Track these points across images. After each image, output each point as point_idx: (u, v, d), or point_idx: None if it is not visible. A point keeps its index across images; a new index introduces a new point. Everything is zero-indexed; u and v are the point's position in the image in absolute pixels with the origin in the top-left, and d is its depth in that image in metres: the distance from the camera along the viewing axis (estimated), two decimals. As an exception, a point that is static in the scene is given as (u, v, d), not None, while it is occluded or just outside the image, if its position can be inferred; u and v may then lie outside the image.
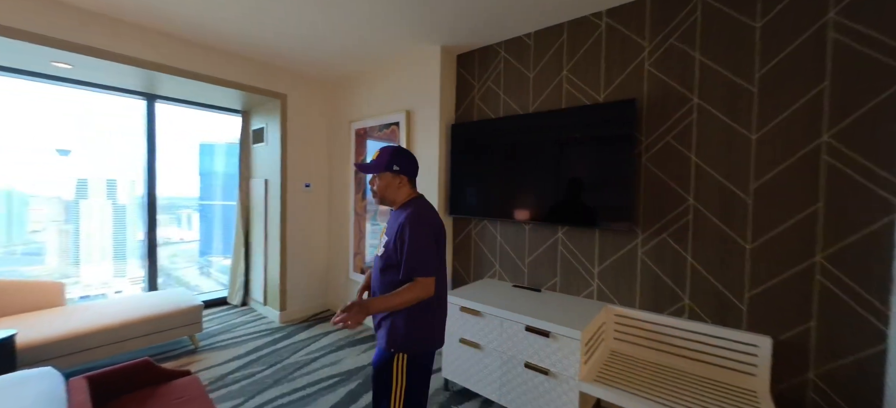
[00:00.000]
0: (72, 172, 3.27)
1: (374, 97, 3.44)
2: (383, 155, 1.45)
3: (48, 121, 3.07)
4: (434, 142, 2.92)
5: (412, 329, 1.37)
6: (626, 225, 2.10)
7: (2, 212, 2.94)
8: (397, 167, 1.44)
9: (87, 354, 2.38)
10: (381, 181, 1.46)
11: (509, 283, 2.72)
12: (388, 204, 1.49)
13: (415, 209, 1.41)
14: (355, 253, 3.63)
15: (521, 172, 2.54)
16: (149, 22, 2.64)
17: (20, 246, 3.08)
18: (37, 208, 3.11)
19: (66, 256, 3.32)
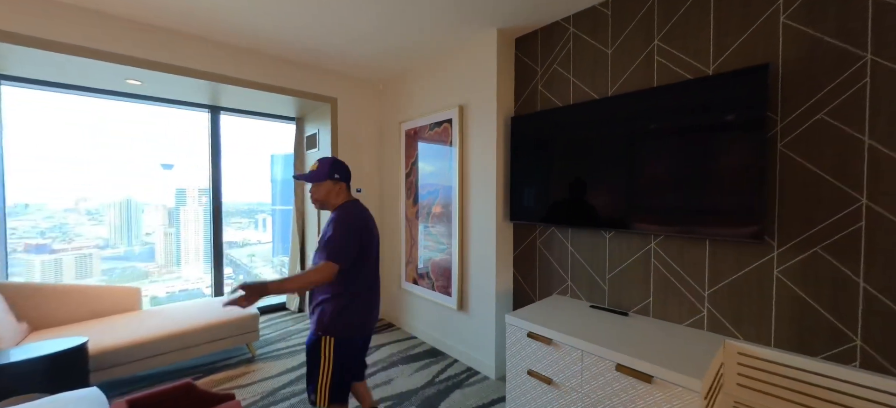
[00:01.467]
0: (173, 183, 3.69)
1: (425, 95, 3.19)
2: (324, 165, 1.64)
3: (154, 138, 3.46)
4: (490, 138, 2.58)
5: (338, 316, 1.55)
6: (754, 234, 1.57)
7: (123, 218, 3.51)
8: (338, 176, 1.65)
9: (153, 360, 2.44)
10: (323, 188, 1.64)
11: (585, 302, 2.27)
12: (328, 208, 1.68)
13: (342, 210, 1.62)
14: (407, 261, 3.41)
15: (597, 169, 2.09)
16: (210, 34, 2.67)
17: (137, 246, 3.60)
18: (148, 215, 3.65)
19: (171, 256, 3.77)
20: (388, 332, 3.48)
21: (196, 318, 2.69)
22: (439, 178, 3.02)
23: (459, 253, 2.81)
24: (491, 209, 2.59)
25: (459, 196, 2.80)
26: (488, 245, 2.62)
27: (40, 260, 3.14)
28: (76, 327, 2.51)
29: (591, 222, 2.14)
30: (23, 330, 2.38)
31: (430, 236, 3.13)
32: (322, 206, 1.67)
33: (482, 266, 2.67)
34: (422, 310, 3.29)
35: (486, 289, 2.65)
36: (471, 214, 2.75)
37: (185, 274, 3.83)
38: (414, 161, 3.30)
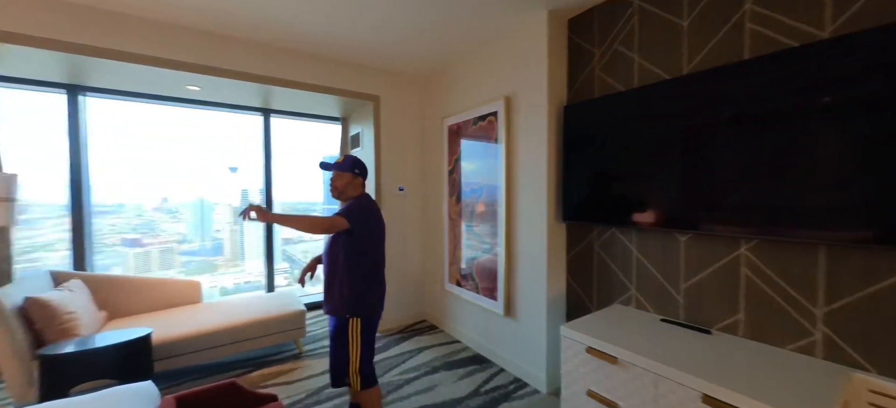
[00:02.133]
0: (238, 183, 3.98)
1: (468, 88, 3.04)
2: (348, 159, 1.83)
3: (222, 143, 3.78)
4: (539, 130, 2.36)
5: (363, 297, 1.73)
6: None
7: (197, 216, 3.92)
8: (358, 171, 1.84)
9: (208, 353, 2.55)
10: (345, 178, 1.81)
11: (654, 314, 1.98)
12: (343, 199, 1.84)
13: (361, 198, 1.82)
14: (451, 262, 3.28)
15: (668, 161, 1.80)
16: (260, 39, 2.74)
17: (208, 242, 3.98)
18: (218, 213, 4.01)
19: (236, 251, 4.08)
20: (430, 334, 3.38)
21: (247, 313, 2.78)
22: (483, 175, 2.85)
23: (506, 255, 2.62)
24: (541, 208, 2.37)
25: (506, 194, 2.61)
26: (538, 247, 2.40)
27: (133, 252, 3.64)
28: (146, 317, 2.70)
29: (662, 223, 1.84)
30: (102, 318, 2.60)
31: (474, 236, 2.98)
32: (340, 194, 1.82)
33: (531, 270, 2.46)
34: (466, 313, 3.14)
35: (535, 295, 2.43)
36: (518, 214, 2.55)
37: (248, 268, 4.11)
38: (457, 158, 3.16)
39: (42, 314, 2.13)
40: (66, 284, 2.51)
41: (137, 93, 3.06)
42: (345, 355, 1.75)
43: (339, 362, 1.77)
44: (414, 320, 3.70)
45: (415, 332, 3.44)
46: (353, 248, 1.72)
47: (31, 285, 2.32)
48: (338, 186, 1.81)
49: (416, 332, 3.44)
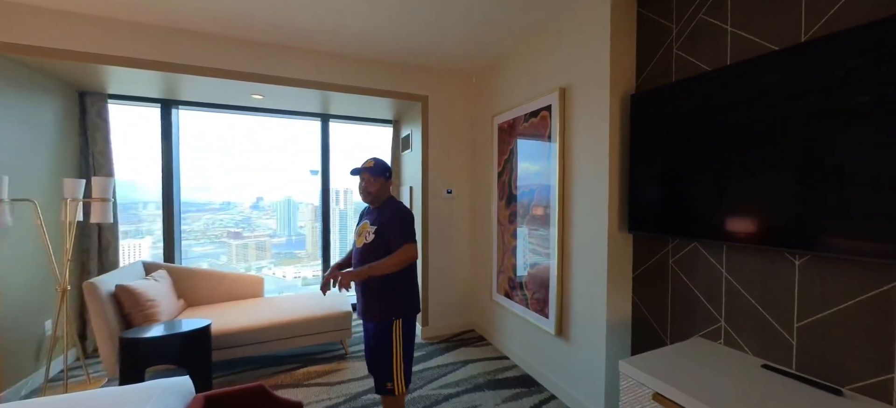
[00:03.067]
0: (319, 185, 4.29)
1: (519, 82, 2.78)
2: (380, 163, 1.83)
3: (307, 148, 4.11)
4: (600, 123, 2.02)
5: (405, 298, 1.76)
6: None
7: (285, 213, 4.39)
8: (389, 175, 1.85)
9: (260, 346, 2.68)
10: (379, 182, 1.81)
11: (752, 358, 1.53)
12: (375, 202, 1.83)
13: (396, 202, 1.83)
14: (499, 271, 3.05)
15: (778, 156, 1.36)
16: (316, 46, 2.82)
17: (293, 237, 4.39)
18: (302, 211, 4.40)
19: (316, 246, 4.37)
20: (477, 346, 3.18)
21: (297, 311, 2.88)
22: (535, 176, 2.57)
23: (559, 268, 2.31)
24: (600, 215, 2.03)
25: (559, 198, 2.30)
26: (597, 261, 2.06)
27: (235, 244, 4.19)
28: (214, 307, 2.96)
29: (766, 238, 1.40)
30: (180, 306, 2.91)
31: (524, 244, 2.70)
32: (374, 198, 1.82)
33: (589, 287, 2.12)
34: (514, 328, 2.88)
35: (593, 316, 2.09)
36: (574, 221, 2.23)
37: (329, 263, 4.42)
38: (507, 158, 2.92)
39: (129, 300, 2.43)
40: (154, 274, 2.85)
41: (216, 103, 3.40)
42: (388, 359, 1.74)
43: (382, 367, 1.75)
44: (461, 329, 3.53)
45: (461, 342, 3.27)
46: (391, 252, 1.74)
47: (127, 274, 2.67)
48: (372, 191, 1.80)
49: (463, 342, 3.27)
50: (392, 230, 1.73)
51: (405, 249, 1.69)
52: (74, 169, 2.91)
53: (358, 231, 1.86)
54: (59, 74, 2.62)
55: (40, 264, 2.46)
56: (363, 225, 1.83)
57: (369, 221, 1.81)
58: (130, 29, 2.43)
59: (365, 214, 1.91)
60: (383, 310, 1.73)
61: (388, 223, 1.74)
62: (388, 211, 1.78)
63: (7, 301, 2.25)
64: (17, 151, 2.36)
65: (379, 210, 1.82)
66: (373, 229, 1.76)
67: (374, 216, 1.81)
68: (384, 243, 1.73)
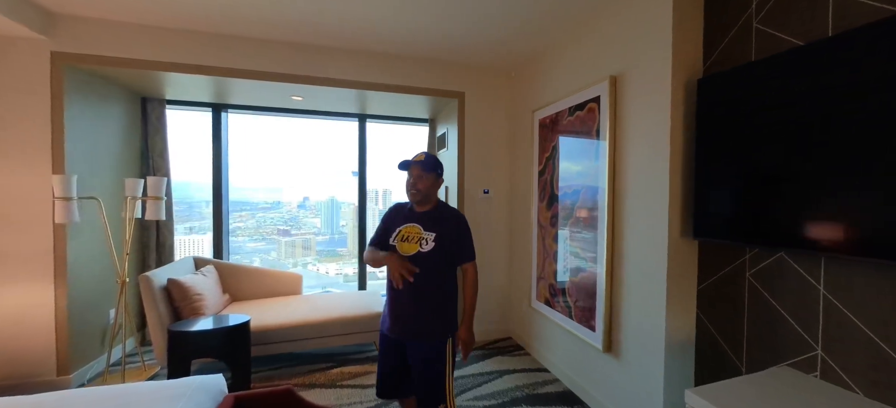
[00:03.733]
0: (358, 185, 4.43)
1: (563, 73, 2.57)
2: (430, 159, 1.58)
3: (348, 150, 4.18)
4: (659, 114, 1.77)
5: (455, 313, 1.61)
6: None
7: (329, 213, 4.62)
8: (440, 172, 1.62)
9: (297, 344, 2.71)
10: (430, 179, 1.57)
11: (861, 397, 1.23)
12: (424, 202, 1.59)
13: (455, 211, 1.66)
14: (539, 276, 2.84)
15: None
16: (352, 46, 2.82)
17: (336, 235, 4.60)
18: (344, 211, 4.61)
19: (354, 244, 4.48)
20: (515, 356, 3.00)
21: (333, 310, 2.88)
22: (581, 175, 2.35)
23: (608, 276, 2.08)
24: (659, 218, 1.78)
25: (609, 198, 2.07)
26: (654, 270, 1.81)
27: (284, 241, 4.46)
28: (256, 303, 3.05)
29: (883, 249, 1.11)
30: (226, 300, 3.03)
31: (567, 248, 2.49)
32: (423, 196, 1.57)
33: (644, 299, 1.88)
34: (556, 338, 2.66)
35: (649, 333, 1.84)
36: (626, 225, 1.99)
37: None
38: (549, 156, 2.71)
39: (179, 293, 2.55)
40: (202, 269, 2.99)
41: (260, 106, 3.53)
42: (441, 380, 1.53)
43: (434, 390, 1.53)
44: (498, 336, 3.36)
45: (498, 350, 3.11)
46: (451, 264, 1.59)
47: (179, 268, 2.83)
48: (421, 188, 1.55)
49: (500, 350, 3.10)
50: (461, 244, 1.57)
51: (475, 269, 1.60)
52: (136, 170, 3.15)
53: (402, 234, 1.56)
54: (124, 83, 2.84)
55: (106, 257, 2.67)
56: (411, 228, 1.55)
57: (421, 226, 1.55)
58: (187, 37, 2.56)
59: (407, 216, 1.60)
60: (443, 327, 1.55)
61: (454, 234, 1.55)
62: (452, 219, 1.57)
63: (76, 291, 2.45)
64: (88, 154, 2.58)
65: (432, 215, 1.57)
66: (431, 236, 1.52)
67: (426, 221, 1.56)
68: (445, 255, 1.53)
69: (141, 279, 2.38)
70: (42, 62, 2.29)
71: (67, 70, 2.38)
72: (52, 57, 2.31)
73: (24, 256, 2.29)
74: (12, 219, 2.27)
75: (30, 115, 2.28)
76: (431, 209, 1.59)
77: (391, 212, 1.69)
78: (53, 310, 2.35)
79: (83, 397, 1.25)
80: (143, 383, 1.42)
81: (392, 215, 1.66)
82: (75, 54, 2.36)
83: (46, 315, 2.34)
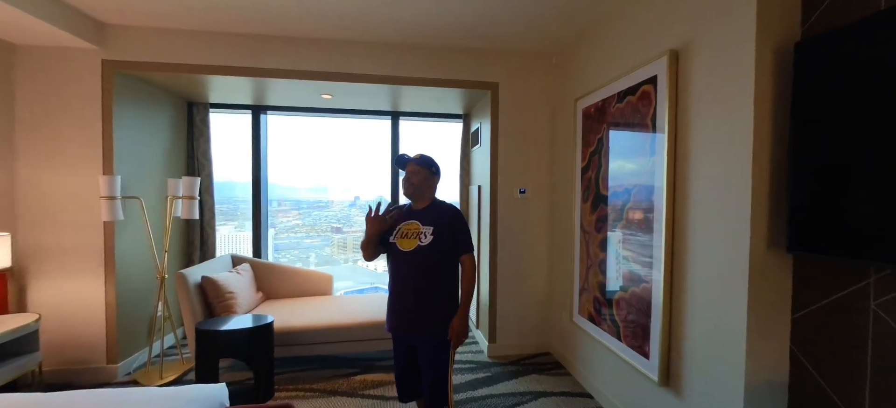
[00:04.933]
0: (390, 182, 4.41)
1: (610, 53, 2.22)
2: (424, 157, 1.69)
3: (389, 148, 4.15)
4: (738, 94, 1.39)
5: (454, 310, 1.63)
6: None
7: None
8: (435, 170, 1.71)
9: (324, 346, 2.66)
10: (423, 175, 1.66)
11: None
12: (418, 198, 1.68)
13: (452, 205, 1.72)
14: (582, 288, 2.50)
15: None
16: (380, 38, 2.71)
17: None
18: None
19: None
20: (553, 375, 2.68)
21: (358, 313, 2.79)
22: (631, 173, 1.99)
23: (666, 295, 1.71)
24: (738, 224, 1.40)
25: (668, 200, 1.71)
26: (731, 290, 1.43)
27: (336, 238, 4.79)
28: (286, 302, 3.06)
29: None
30: (259, 298, 3.07)
31: (615, 258, 2.13)
32: (415, 192, 1.66)
33: (716, 325, 1.50)
34: (601, 360, 2.31)
35: (722, 368, 1.47)
36: (692, 232, 1.62)
37: None
38: (594, 150, 2.37)
39: (212, 290, 2.61)
40: (238, 267, 3.06)
41: (297, 107, 3.56)
42: (444, 379, 1.59)
43: (439, 389, 1.59)
44: (534, 350, 3.05)
45: (534, 366, 2.80)
46: (452, 259, 1.65)
47: (216, 266, 2.91)
48: (414, 182, 1.65)
49: (536, 367, 2.79)
50: (458, 236, 1.63)
51: (472, 261, 1.64)
52: (182, 170, 3.32)
53: (401, 231, 1.65)
54: (171, 88, 2.99)
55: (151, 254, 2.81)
56: (409, 225, 1.65)
57: (419, 221, 1.64)
58: (225, 40, 2.60)
59: (405, 215, 1.70)
60: (445, 322, 1.59)
61: (450, 226, 1.62)
62: (447, 213, 1.66)
63: (124, 285, 2.60)
64: (136, 156, 2.73)
65: (429, 210, 1.67)
66: (429, 230, 1.60)
67: (424, 216, 1.65)
68: (444, 248, 1.60)
69: (177, 276, 2.46)
70: (94, 70, 2.45)
71: (117, 77, 2.52)
72: (102, 65, 2.46)
73: (79, 252, 2.46)
74: (68, 217, 2.45)
75: (83, 120, 2.45)
76: (428, 205, 1.68)
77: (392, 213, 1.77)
78: (104, 303, 2.51)
79: (80, 401, 1.22)
80: (142, 388, 1.39)
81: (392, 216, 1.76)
82: (124, 62, 2.50)
83: (98, 307, 2.50)
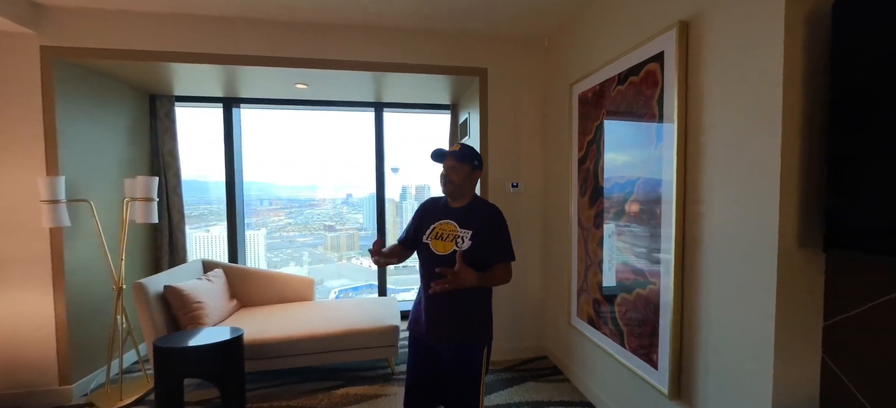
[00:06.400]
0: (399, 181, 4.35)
1: (609, 29, 2.01)
2: (465, 148, 1.48)
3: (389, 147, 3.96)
4: (762, 68, 1.20)
5: (490, 320, 1.51)
6: None
7: (370, 208, 4.47)
8: (477, 163, 1.49)
9: (304, 358, 2.44)
10: (464, 171, 1.45)
11: None
12: (458, 197, 1.48)
13: (492, 207, 1.49)
14: (581, 289, 2.32)
15: None
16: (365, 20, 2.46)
17: (372, 231, 4.52)
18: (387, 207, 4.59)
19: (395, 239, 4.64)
20: (550, 380, 2.50)
21: (341, 322, 2.56)
22: (634, 162, 1.79)
23: (676, 297, 1.53)
24: (763, 219, 1.21)
25: (678, 190, 1.51)
26: (754, 293, 1.25)
27: (330, 236, 4.65)
28: (263, 310, 2.82)
29: None
30: (233, 307, 2.83)
31: (616, 255, 1.94)
32: (456, 189, 1.46)
33: (736, 333, 1.32)
34: (603, 366, 2.13)
35: (744, 381, 1.29)
36: (706, 228, 1.43)
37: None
38: (591, 139, 2.17)
39: (177, 301, 2.36)
40: (210, 274, 2.81)
41: (272, 99, 3.30)
42: (475, 391, 1.44)
43: (466, 400, 1.44)
44: (530, 354, 2.87)
45: (530, 372, 2.62)
46: (489, 264, 1.43)
47: (184, 273, 2.66)
48: (455, 180, 1.44)
49: (532, 373, 2.61)
50: (501, 243, 1.43)
51: (505, 271, 1.42)
52: (146, 170, 3.04)
53: (436, 232, 1.45)
54: (127, 79, 2.71)
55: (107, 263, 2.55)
56: (446, 225, 1.45)
57: (457, 223, 1.44)
58: (183, 24, 2.34)
59: (441, 211, 1.50)
60: (479, 332, 1.46)
61: (491, 231, 1.42)
62: (488, 214, 1.45)
63: (77, 298, 2.35)
64: (88, 154, 2.46)
65: (468, 210, 1.46)
66: (468, 235, 1.40)
67: (462, 217, 1.44)
68: (483, 255, 1.40)
69: (134, 286, 2.21)
70: (31, 58, 2.17)
71: (61, 65, 2.25)
72: (41, 51, 2.18)
73: (19, 262, 2.20)
74: (9, 224, 2.18)
75: (22, 114, 2.17)
76: (467, 204, 1.48)
77: (424, 207, 1.58)
78: (53, 318, 2.25)
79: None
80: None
81: (425, 211, 1.56)
82: (65, 48, 2.22)
83: (46, 323, 2.25)
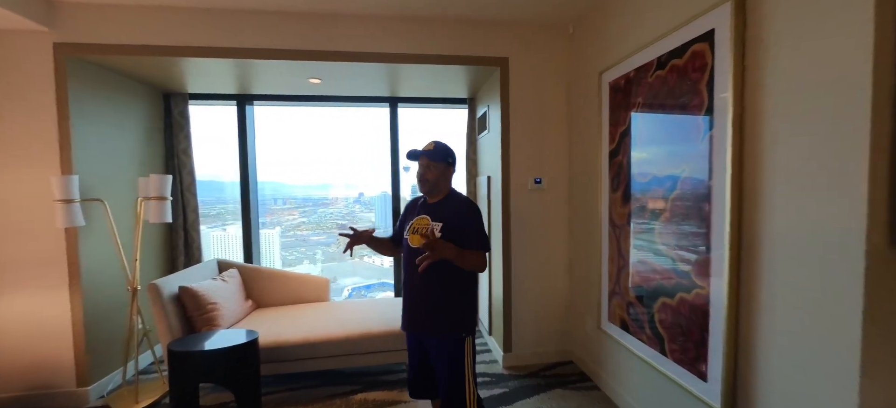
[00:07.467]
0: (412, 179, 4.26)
1: (644, 12, 1.85)
2: (438, 147, 1.57)
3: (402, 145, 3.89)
4: (842, 42, 1.03)
5: (472, 311, 1.60)
6: None
7: (383, 207, 4.58)
8: (451, 160, 1.59)
9: (321, 361, 2.36)
10: (439, 169, 1.56)
11: None
12: (434, 193, 1.59)
13: (465, 199, 1.62)
14: (612, 291, 2.16)
15: None
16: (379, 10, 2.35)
17: (384, 229, 4.55)
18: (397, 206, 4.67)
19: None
20: (578, 388, 2.36)
21: (358, 324, 2.48)
22: (678, 154, 1.63)
23: (731, 303, 1.37)
24: (844, 213, 1.05)
25: (734, 185, 1.35)
26: (833, 300, 1.09)
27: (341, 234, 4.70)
28: (278, 310, 2.77)
29: None
30: (248, 308, 2.77)
31: (656, 256, 1.78)
32: (431, 187, 1.57)
33: (810, 347, 1.16)
34: (637, 374, 1.98)
35: (818, 394, 1.13)
36: (767, 224, 1.27)
37: None
38: (624, 130, 2.01)
39: (191, 302, 2.31)
40: (225, 274, 2.76)
41: (286, 95, 3.23)
42: (461, 382, 1.51)
43: (455, 392, 1.51)
44: (556, 359, 2.72)
45: (555, 379, 2.48)
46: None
47: (199, 273, 2.61)
48: (429, 178, 1.55)
49: (558, 380, 2.47)
50: (469, 232, 1.50)
51: (479, 256, 1.51)
52: (160, 169, 3.01)
53: (413, 227, 1.58)
54: (142, 77, 2.67)
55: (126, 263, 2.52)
56: (421, 220, 1.57)
57: (431, 216, 1.55)
58: (197, 17, 2.28)
59: (419, 208, 1.63)
60: (455, 322, 1.52)
61: (461, 222, 1.51)
62: (459, 206, 1.56)
63: (94, 299, 2.32)
64: (103, 153, 2.43)
65: (442, 204, 1.58)
66: (439, 226, 1.51)
67: (436, 211, 1.56)
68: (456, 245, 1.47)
69: (149, 287, 2.16)
70: (44, 56, 2.14)
71: (74, 63, 2.22)
72: (54, 49, 2.15)
73: (36, 263, 2.17)
74: (25, 224, 2.16)
75: (36, 113, 2.15)
76: (442, 199, 1.59)
77: (408, 206, 1.73)
78: (70, 319, 2.23)
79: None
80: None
81: (408, 209, 1.71)
82: (79, 44, 2.18)
83: (63, 324, 2.22)
